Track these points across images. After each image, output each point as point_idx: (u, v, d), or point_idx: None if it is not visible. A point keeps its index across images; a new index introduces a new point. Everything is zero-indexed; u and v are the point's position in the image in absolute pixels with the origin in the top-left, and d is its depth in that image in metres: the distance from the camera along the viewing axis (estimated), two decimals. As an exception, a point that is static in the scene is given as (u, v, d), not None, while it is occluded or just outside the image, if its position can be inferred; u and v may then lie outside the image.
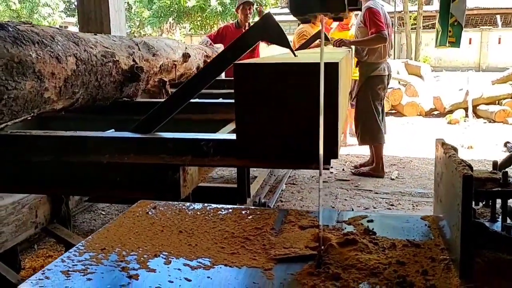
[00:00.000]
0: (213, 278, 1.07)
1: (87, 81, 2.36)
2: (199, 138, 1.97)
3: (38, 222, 2.72)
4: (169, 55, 3.45)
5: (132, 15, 27.88)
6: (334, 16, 0.95)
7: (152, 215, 1.43)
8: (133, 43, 2.99)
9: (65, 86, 2.17)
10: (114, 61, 2.61)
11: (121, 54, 2.71)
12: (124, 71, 2.73)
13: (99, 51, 2.48)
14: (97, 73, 2.43)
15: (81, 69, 2.27)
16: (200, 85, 2.03)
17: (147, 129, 2.08)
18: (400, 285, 1.01)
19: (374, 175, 4.80)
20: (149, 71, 3.12)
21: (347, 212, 1.50)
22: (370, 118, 4.73)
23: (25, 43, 1.90)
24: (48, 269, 1.10)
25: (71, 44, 2.24)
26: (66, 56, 2.15)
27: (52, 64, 2.04)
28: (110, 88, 2.64)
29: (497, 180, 1.15)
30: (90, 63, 2.36)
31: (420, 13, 20.84)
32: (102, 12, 4.70)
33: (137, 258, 1.15)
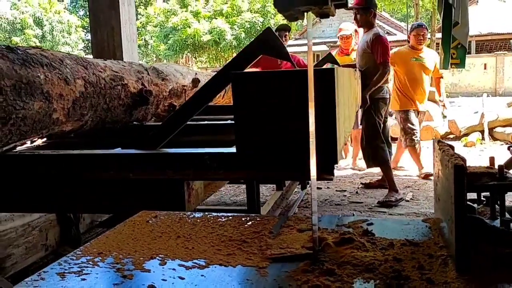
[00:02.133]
0: (207, 276, 1.06)
1: (95, 104, 2.40)
2: (203, 152, 1.97)
3: (48, 244, 2.74)
4: (178, 80, 3.51)
5: (149, 50, 28.56)
6: (319, 11, 0.96)
7: (152, 223, 1.44)
8: (142, 68, 3.05)
9: (73, 107, 2.21)
10: (123, 84, 2.66)
11: (130, 78, 2.76)
12: (133, 95, 2.77)
13: (108, 75, 2.53)
14: (105, 96, 2.48)
15: (89, 92, 2.31)
16: (206, 99, 2.06)
17: (153, 145, 2.10)
18: (395, 279, 1.00)
19: (393, 202, 4.65)
20: (158, 95, 3.17)
21: (348, 217, 1.48)
22: (375, 140, 4.72)
23: (33, 65, 1.96)
24: (44, 271, 1.11)
25: (80, 67, 2.30)
26: (74, 79, 2.20)
27: (61, 86, 2.09)
28: (119, 111, 2.68)
29: (493, 174, 1.14)
30: (99, 86, 2.41)
31: (433, 40, 20.89)
32: (115, 42, 4.82)
33: (133, 261, 1.15)
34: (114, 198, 2.10)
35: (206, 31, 24.10)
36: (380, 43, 4.57)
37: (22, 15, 28.57)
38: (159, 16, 26.13)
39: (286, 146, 1.78)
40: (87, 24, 25.86)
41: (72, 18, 30.79)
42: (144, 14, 27.51)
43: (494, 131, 9.03)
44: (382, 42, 4.59)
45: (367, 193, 5.18)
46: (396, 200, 4.61)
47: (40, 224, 2.65)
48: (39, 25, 28.93)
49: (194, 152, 2.00)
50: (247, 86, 1.80)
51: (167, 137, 2.10)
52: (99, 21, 4.93)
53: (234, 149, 1.90)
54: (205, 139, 2.71)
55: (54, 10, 29.81)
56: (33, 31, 28.25)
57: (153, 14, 26.71)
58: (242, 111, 1.81)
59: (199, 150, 2.01)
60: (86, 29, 29.42)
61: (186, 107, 2.12)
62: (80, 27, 31.23)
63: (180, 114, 2.13)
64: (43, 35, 28.89)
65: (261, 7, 25.01)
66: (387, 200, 4.62)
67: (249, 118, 1.81)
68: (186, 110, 2.11)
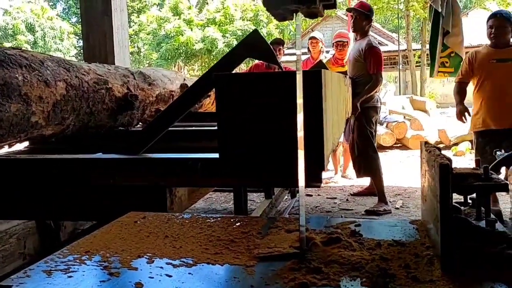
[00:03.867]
0: (194, 274, 1.06)
1: (78, 107, 2.32)
2: (186, 158, 1.89)
3: (26, 253, 2.56)
4: (166, 85, 3.44)
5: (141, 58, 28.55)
6: (307, 11, 0.98)
7: (140, 224, 1.44)
8: (128, 72, 2.98)
9: (54, 111, 2.12)
10: (107, 88, 2.58)
11: (115, 82, 2.68)
12: (117, 99, 2.69)
13: (92, 78, 2.45)
14: (88, 99, 2.39)
15: (71, 95, 2.23)
16: (190, 103, 2.00)
17: (135, 150, 2.01)
18: (381, 277, 1.00)
19: (380, 212, 4.65)
20: (144, 100, 3.09)
21: (336, 219, 1.49)
22: (366, 148, 4.70)
23: (11, 65, 1.89)
24: (30, 269, 1.10)
25: (62, 69, 2.22)
26: (55, 81, 2.11)
27: (40, 88, 2.01)
28: (103, 115, 2.60)
29: (479, 175, 1.15)
30: (82, 89, 2.32)
31: (424, 51, 21.08)
32: (107, 48, 4.81)
33: (120, 259, 1.15)
34: (93, 205, 2.01)
35: (199, 39, 24.16)
36: (374, 54, 4.56)
37: (14, 21, 28.48)
38: (152, 24, 26.16)
39: (271, 152, 1.69)
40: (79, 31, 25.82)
41: (64, 24, 30.71)
42: (137, 22, 27.53)
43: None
44: (375, 52, 4.58)
45: (357, 200, 5.20)
46: (384, 211, 4.61)
47: (18, 231, 2.50)
48: (31, 31, 28.83)
49: (177, 157, 1.93)
50: (231, 89, 1.71)
51: (149, 142, 2.03)
52: (91, 27, 4.94)
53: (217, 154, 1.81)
54: (191, 146, 2.59)
55: (46, 17, 29.73)
56: (25, 37, 28.14)
57: (146, 22, 26.74)
58: (225, 115, 1.72)
59: (182, 155, 1.95)
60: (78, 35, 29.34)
61: (169, 111, 2.06)
62: (72, 34, 31.17)
63: (163, 118, 2.07)
64: (35, 41, 28.78)
65: (253, 16, 25.13)
66: (375, 209, 4.63)
67: (233, 122, 1.72)
68: (169, 115, 2.05)
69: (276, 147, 1.68)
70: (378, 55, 4.60)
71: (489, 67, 4.03)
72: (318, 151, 1.66)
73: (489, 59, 4.04)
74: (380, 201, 4.73)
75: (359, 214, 4.65)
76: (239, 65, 2.03)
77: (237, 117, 1.71)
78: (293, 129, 1.57)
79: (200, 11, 26.87)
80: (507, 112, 3.93)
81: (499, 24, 3.97)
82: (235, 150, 1.72)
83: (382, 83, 4.89)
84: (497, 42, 4.01)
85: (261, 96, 1.68)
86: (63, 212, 2.07)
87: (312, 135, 1.59)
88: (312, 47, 6.07)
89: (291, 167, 1.55)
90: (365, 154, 4.70)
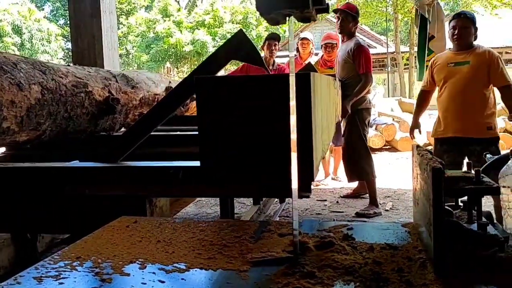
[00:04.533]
0: (187, 280, 1.06)
1: (54, 112, 2.22)
2: (168, 166, 1.80)
3: (0, 266, 2.45)
4: (150, 88, 3.35)
5: (130, 60, 28.42)
6: (301, 15, 0.98)
7: (131, 228, 1.43)
8: (110, 75, 2.90)
9: (28, 116, 2.03)
10: (87, 91, 2.49)
11: (95, 85, 2.60)
12: (98, 103, 2.61)
13: (70, 81, 2.36)
14: (66, 103, 2.30)
15: (47, 99, 2.13)
16: (172, 107, 1.93)
17: (113, 158, 1.92)
18: (374, 281, 1.00)
19: (370, 215, 4.65)
20: (127, 103, 2.99)
21: (328, 222, 1.49)
22: (360, 151, 4.67)
23: None
24: (20, 275, 1.08)
25: (37, 72, 2.13)
26: (29, 84, 2.02)
27: (12, 92, 1.92)
28: (82, 120, 2.51)
29: (470, 178, 1.16)
30: (59, 92, 2.23)
31: (412, 53, 21.25)
32: (96, 50, 4.79)
33: (112, 265, 1.14)
34: (67, 217, 1.89)
35: (188, 41, 24.12)
36: (362, 53, 4.55)
37: (0, 23, 28.20)
38: (141, 26, 26.08)
39: (262, 159, 1.60)
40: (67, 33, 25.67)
41: (52, 26, 30.46)
42: (125, 24, 27.42)
43: (472, 142, 9.19)
44: (364, 51, 4.57)
45: (347, 202, 5.22)
46: (374, 213, 4.61)
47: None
48: (18, 33, 28.56)
49: (157, 165, 1.84)
50: (212, 92, 1.61)
51: (129, 149, 1.94)
52: (80, 29, 4.91)
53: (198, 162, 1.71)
54: (176, 151, 2.46)
55: (33, 18, 29.50)
56: (12, 39, 27.88)
57: (134, 24, 26.64)
58: (206, 120, 1.62)
59: (163, 164, 1.86)
60: (66, 38, 29.16)
61: (150, 115, 1.98)
62: (60, 36, 30.93)
63: (144, 123, 1.98)
64: (22, 43, 28.51)
65: (242, 19, 25.15)
66: (366, 212, 4.63)
67: (214, 127, 1.61)
68: (150, 119, 1.97)
69: (267, 154, 1.59)
70: (366, 54, 4.58)
71: (446, 72, 3.74)
72: (307, 161, 1.57)
73: (447, 63, 3.76)
74: (371, 203, 4.73)
75: (350, 216, 4.66)
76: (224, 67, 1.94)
77: (219, 122, 1.61)
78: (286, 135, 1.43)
79: (189, 13, 26.82)
80: (464, 120, 3.59)
81: (463, 24, 3.64)
82: (221, 158, 1.62)
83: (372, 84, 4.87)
84: (459, 43, 3.70)
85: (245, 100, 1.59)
86: (35, 224, 1.95)
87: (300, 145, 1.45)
88: (302, 48, 5.97)
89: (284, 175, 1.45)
90: (359, 158, 4.67)
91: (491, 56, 3.60)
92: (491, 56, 3.60)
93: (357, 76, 4.55)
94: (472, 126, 3.56)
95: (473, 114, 3.55)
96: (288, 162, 1.24)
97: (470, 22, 3.66)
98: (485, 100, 3.60)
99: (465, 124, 3.58)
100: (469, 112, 3.57)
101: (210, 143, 1.63)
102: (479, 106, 3.57)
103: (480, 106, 3.57)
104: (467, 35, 3.65)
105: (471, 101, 3.58)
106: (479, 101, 3.58)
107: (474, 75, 3.56)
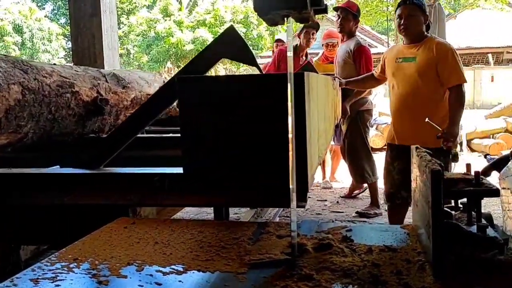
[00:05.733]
0: (185, 282, 1.05)
1: (37, 113, 2.11)
2: (152, 173, 1.68)
3: None
4: (143, 88, 3.24)
5: (131, 60, 28.41)
6: (299, 16, 0.97)
7: (129, 230, 1.42)
8: (99, 75, 2.78)
9: (6, 118, 1.93)
10: (73, 92, 2.37)
11: (82, 85, 2.48)
12: (86, 104, 2.49)
13: (54, 81, 2.24)
14: (50, 104, 2.19)
15: (28, 99, 2.03)
16: (159, 108, 1.84)
17: (94, 164, 1.82)
18: (373, 284, 1.00)
19: (371, 215, 4.63)
20: (117, 104, 2.87)
21: (327, 223, 1.48)
22: (362, 154, 4.63)
23: None
24: (17, 277, 1.08)
25: (18, 71, 2.02)
26: (8, 84, 1.92)
27: None
28: (68, 122, 2.39)
29: (469, 180, 1.15)
30: (41, 93, 2.12)
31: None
32: (95, 50, 4.79)
33: (109, 267, 1.13)
34: (43, 228, 1.77)
35: (189, 40, 24.10)
36: (363, 54, 4.50)
37: (1, 22, 28.20)
38: (142, 26, 26.06)
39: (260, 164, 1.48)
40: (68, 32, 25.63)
41: (53, 25, 30.46)
42: (126, 23, 27.41)
43: (472, 142, 9.18)
44: (365, 52, 4.52)
45: (347, 202, 5.21)
46: (374, 214, 4.60)
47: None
48: (19, 32, 28.56)
49: (141, 172, 1.73)
50: (195, 94, 1.50)
51: (112, 154, 1.84)
52: (80, 28, 4.91)
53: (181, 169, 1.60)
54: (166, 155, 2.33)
55: (34, 18, 29.50)
56: (13, 38, 27.88)
57: (135, 24, 26.62)
58: (189, 123, 1.51)
59: (147, 170, 1.74)
60: (67, 37, 29.12)
61: (135, 117, 1.89)
62: (61, 35, 30.91)
63: (128, 126, 1.89)
64: (23, 42, 28.52)
65: (243, 18, 25.14)
66: (366, 212, 4.62)
67: (198, 131, 1.50)
68: (135, 121, 1.88)
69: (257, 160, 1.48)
70: (367, 55, 4.53)
71: (394, 68, 3.28)
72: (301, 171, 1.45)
73: (396, 58, 3.27)
74: (372, 204, 4.72)
75: (350, 216, 4.65)
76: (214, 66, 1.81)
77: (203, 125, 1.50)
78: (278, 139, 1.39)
79: (190, 12, 26.81)
80: (411, 127, 3.15)
81: (409, 12, 3.11)
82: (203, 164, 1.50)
83: None
84: (406, 34, 3.17)
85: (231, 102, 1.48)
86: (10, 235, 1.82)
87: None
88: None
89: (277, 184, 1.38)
90: (360, 160, 4.64)
91: (440, 50, 3.05)
92: (439, 51, 3.05)
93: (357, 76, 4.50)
94: (419, 134, 3.03)
95: (420, 120, 2.98)
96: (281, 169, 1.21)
97: (418, 9, 3.12)
98: (435, 103, 3.08)
99: (412, 131, 3.13)
100: (415, 119, 3.07)
101: (191, 148, 1.51)
102: (428, 110, 3.04)
103: (429, 110, 3.03)
104: (414, 24, 3.11)
105: (418, 104, 3.11)
106: (428, 105, 3.08)
107: (421, 74, 3.09)
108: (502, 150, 8.53)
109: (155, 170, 1.73)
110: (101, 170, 1.81)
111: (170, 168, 1.70)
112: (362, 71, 4.45)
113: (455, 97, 3.02)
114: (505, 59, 23.18)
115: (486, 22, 21.66)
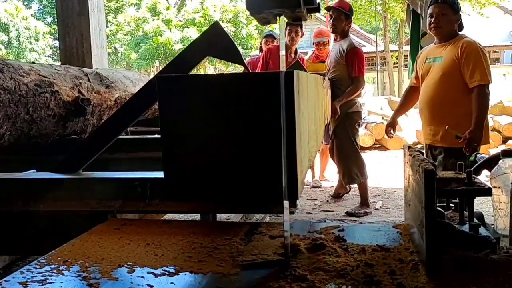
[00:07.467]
0: (177, 283, 1.04)
1: (13, 114, 2.02)
2: (134, 178, 1.59)
3: None
4: (127, 88, 3.14)
5: (119, 58, 28.21)
6: (291, 15, 0.96)
7: (120, 231, 1.40)
8: (81, 74, 2.69)
9: None
10: (53, 91, 2.26)
11: (63, 85, 2.38)
12: (66, 104, 2.38)
13: (32, 80, 2.15)
14: (28, 104, 2.10)
15: (3, 100, 1.95)
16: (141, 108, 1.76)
17: (72, 167, 1.72)
18: (367, 284, 0.99)
19: (360, 214, 4.63)
20: (100, 104, 2.76)
21: (319, 223, 1.48)
22: (351, 155, 4.61)
23: None
24: (5, 280, 1.06)
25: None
26: None
27: None
28: (47, 123, 2.29)
29: (461, 179, 1.15)
30: (18, 93, 2.03)
31: (401, 52, 21.36)
32: (84, 49, 4.74)
33: (100, 269, 1.12)
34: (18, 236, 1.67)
35: (178, 40, 23.99)
36: (356, 56, 4.44)
37: (-13, 21, 27.87)
38: (130, 25, 25.89)
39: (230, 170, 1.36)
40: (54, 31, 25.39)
41: (39, 24, 30.14)
42: (114, 22, 27.21)
43: (460, 141, 9.25)
44: (358, 54, 4.47)
45: (337, 202, 5.22)
46: (364, 213, 4.60)
47: None
48: (5, 31, 28.21)
49: (122, 177, 1.63)
50: (175, 94, 1.37)
51: (91, 157, 1.74)
52: (67, 27, 4.86)
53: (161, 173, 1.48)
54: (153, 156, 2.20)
55: (21, 16, 29.16)
56: (-1, 37, 27.57)
57: (123, 22, 26.44)
58: (169, 124, 1.39)
59: (128, 175, 1.64)
60: (54, 35, 28.83)
61: (116, 118, 1.81)
62: (47, 34, 30.60)
63: (108, 127, 1.80)
64: (9, 41, 28.18)
65: (233, 17, 25.09)
66: (356, 211, 4.62)
67: (179, 133, 1.39)
68: (115, 122, 1.79)
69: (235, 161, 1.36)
70: (360, 57, 4.48)
71: (424, 69, 3.21)
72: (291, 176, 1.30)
73: (426, 58, 3.22)
74: (362, 204, 4.72)
75: (340, 215, 4.66)
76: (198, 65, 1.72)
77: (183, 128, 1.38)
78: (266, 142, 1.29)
79: (178, 11, 26.69)
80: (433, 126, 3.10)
81: (440, 11, 3.04)
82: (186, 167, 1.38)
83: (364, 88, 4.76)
84: (437, 33, 3.10)
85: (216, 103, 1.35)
86: None
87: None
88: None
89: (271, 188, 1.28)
90: (349, 161, 4.62)
91: (465, 48, 2.94)
92: (465, 49, 2.94)
93: (348, 78, 4.46)
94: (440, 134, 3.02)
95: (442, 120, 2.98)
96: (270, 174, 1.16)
97: (449, 8, 3.05)
98: (457, 103, 2.98)
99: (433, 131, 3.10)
100: (437, 118, 3.06)
101: (171, 151, 1.40)
102: (449, 110, 2.99)
103: (451, 110, 2.98)
104: (445, 23, 3.04)
105: (441, 104, 3.05)
106: (450, 105, 3.00)
107: (445, 74, 3.01)
108: (489, 149, 8.61)
109: (136, 174, 1.64)
110: (79, 174, 1.71)
111: (152, 172, 1.60)
112: (353, 72, 4.42)
113: (477, 98, 2.88)
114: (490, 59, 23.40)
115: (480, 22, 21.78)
